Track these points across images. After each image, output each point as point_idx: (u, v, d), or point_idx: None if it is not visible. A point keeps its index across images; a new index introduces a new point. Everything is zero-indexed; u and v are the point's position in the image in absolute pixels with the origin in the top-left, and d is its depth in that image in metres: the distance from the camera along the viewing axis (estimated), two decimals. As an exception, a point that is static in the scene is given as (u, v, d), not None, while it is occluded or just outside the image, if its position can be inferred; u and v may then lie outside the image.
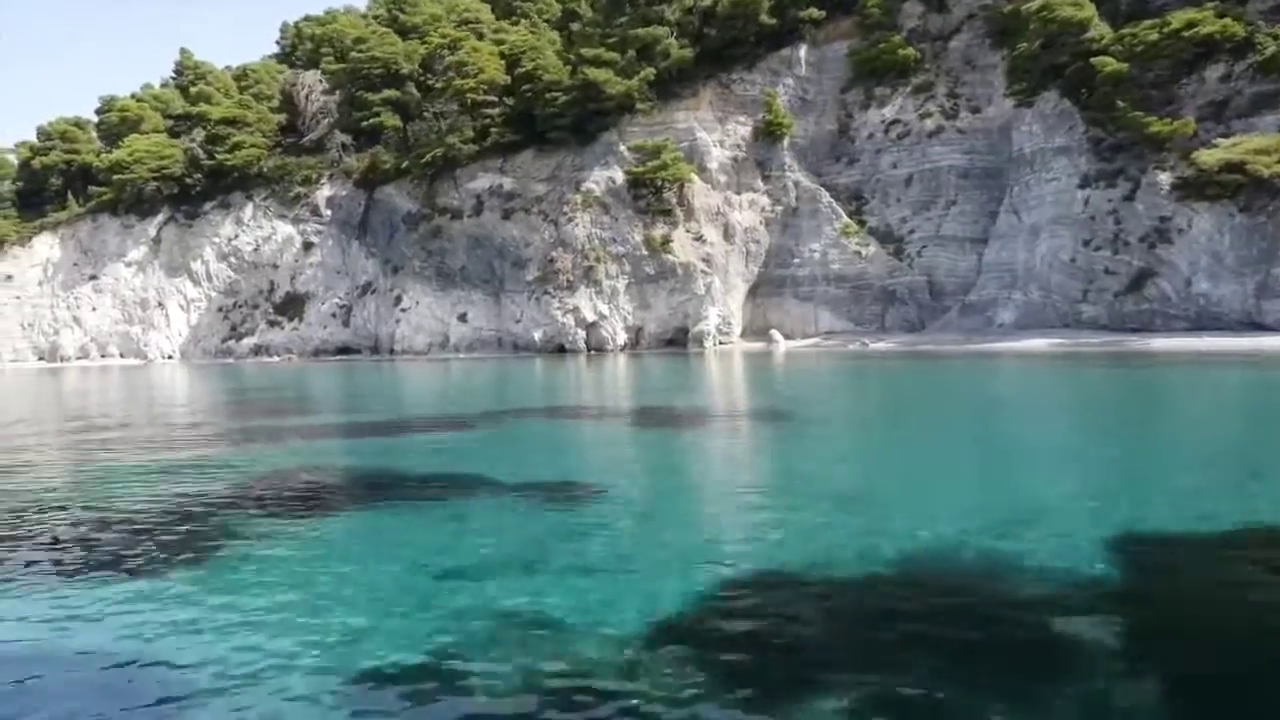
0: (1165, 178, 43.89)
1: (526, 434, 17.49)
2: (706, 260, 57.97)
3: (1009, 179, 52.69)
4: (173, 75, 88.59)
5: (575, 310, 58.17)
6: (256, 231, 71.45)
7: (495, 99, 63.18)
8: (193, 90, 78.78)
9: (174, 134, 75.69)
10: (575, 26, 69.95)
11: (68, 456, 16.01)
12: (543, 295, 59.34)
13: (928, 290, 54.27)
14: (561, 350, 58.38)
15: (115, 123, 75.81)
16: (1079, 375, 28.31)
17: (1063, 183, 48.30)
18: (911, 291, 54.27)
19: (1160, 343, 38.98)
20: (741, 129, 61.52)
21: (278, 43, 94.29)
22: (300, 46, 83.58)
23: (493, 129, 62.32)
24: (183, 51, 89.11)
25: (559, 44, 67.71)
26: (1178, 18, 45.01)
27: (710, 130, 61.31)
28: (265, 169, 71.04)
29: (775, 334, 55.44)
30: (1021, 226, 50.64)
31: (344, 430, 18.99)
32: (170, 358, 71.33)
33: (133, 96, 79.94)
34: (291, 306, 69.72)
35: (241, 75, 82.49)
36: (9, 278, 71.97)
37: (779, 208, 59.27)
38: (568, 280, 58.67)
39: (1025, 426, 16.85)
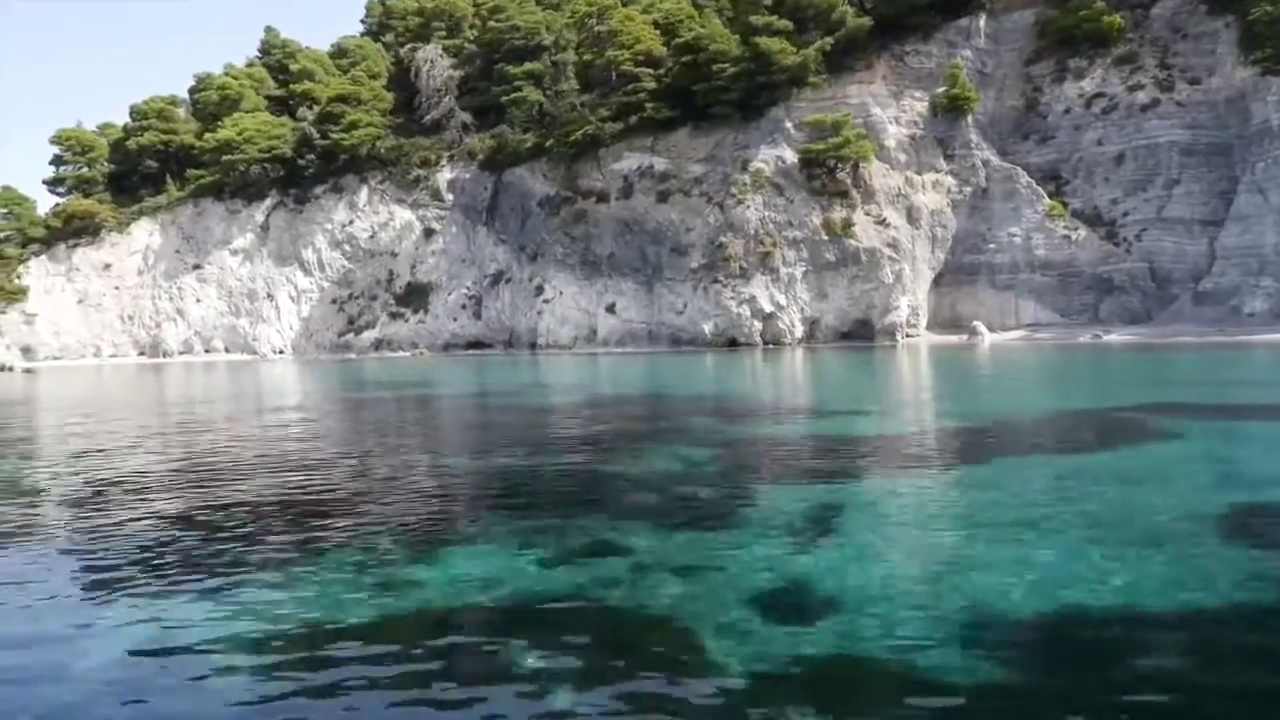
0: None
1: None
2: (892, 245, 53.18)
3: (1245, 155, 48.04)
4: (258, 54, 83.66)
5: (751, 300, 53.38)
6: (372, 217, 66.61)
7: (649, 72, 58.19)
8: (293, 67, 73.83)
9: (275, 113, 70.80)
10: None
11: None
12: (711, 284, 54.53)
13: (1150, 277, 49.54)
14: (733, 344, 53.60)
15: (214, 101, 70.79)
16: None
17: (1328, 157, 43.63)
18: (1133, 279, 49.51)
19: None
20: (918, 104, 56.76)
21: (363, 21, 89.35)
22: (400, 22, 78.46)
23: (648, 104, 57.31)
24: (268, 29, 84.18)
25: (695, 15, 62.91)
26: None
27: (884, 106, 56.53)
28: (382, 150, 66.18)
29: (979, 326, 50.65)
30: (1269, 206, 45.96)
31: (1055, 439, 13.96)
32: (281, 353, 66.47)
33: (227, 73, 74.92)
34: (415, 297, 64.87)
35: (339, 53, 77.55)
36: (107, 266, 67.05)
37: (967, 189, 54.50)
38: (740, 268, 53.88)
39: None
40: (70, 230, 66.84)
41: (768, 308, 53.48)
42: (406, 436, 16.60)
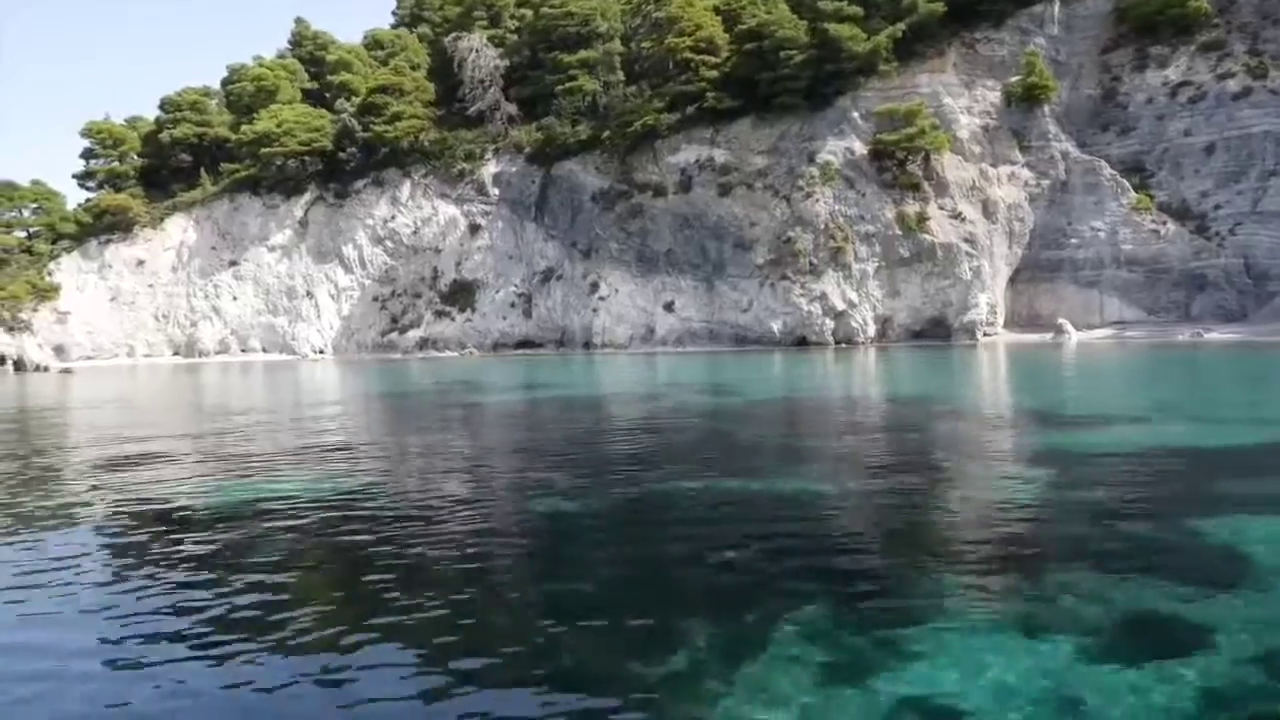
0: None
1: None
2: (969, 240, 50.99)
3: (1348, 145, 45.84)
4: (289, 46, 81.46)
5: (823, 298, 51.17)
6: (415, 212, 64.29)
7: (711, 60, 55.94)
8: (329, 59, 71.59)
9: (313, 105, 68.53)
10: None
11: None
12: (779, 281, 52.31)
13: (1245, 273, 47.31)
14: (803, 343, 51.36)
15: (249, 93, 68.49)
16: None
17: None
18: (1227, 275, 47.29)
19: None
20: (990, 94, 54.59)
21: (394, 13, 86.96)
22: (437, 13, 76.03)
23: (709, 94, 55.03)
24: (298, 21, 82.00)
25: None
26: None
27: (956, 95, 54.34)
28: (425, 143, 63.93)
29: (1066, 324, 48.39)
30: (1377, 199, 43.77)
31: None
32: (321, 353, 64.14)
33: (260, 64, 72.59)
34: (461, 296, 62.54)
35: (373, 44, 75.25)
36: (140, 263, 64.69)
37: (1045, 182, 52.31)
38: (810, 264, 51.67)
39: None
40: (102, 226, 64.53)
41: (840, 305, 51.27)
42: (644, 461, 14.30)
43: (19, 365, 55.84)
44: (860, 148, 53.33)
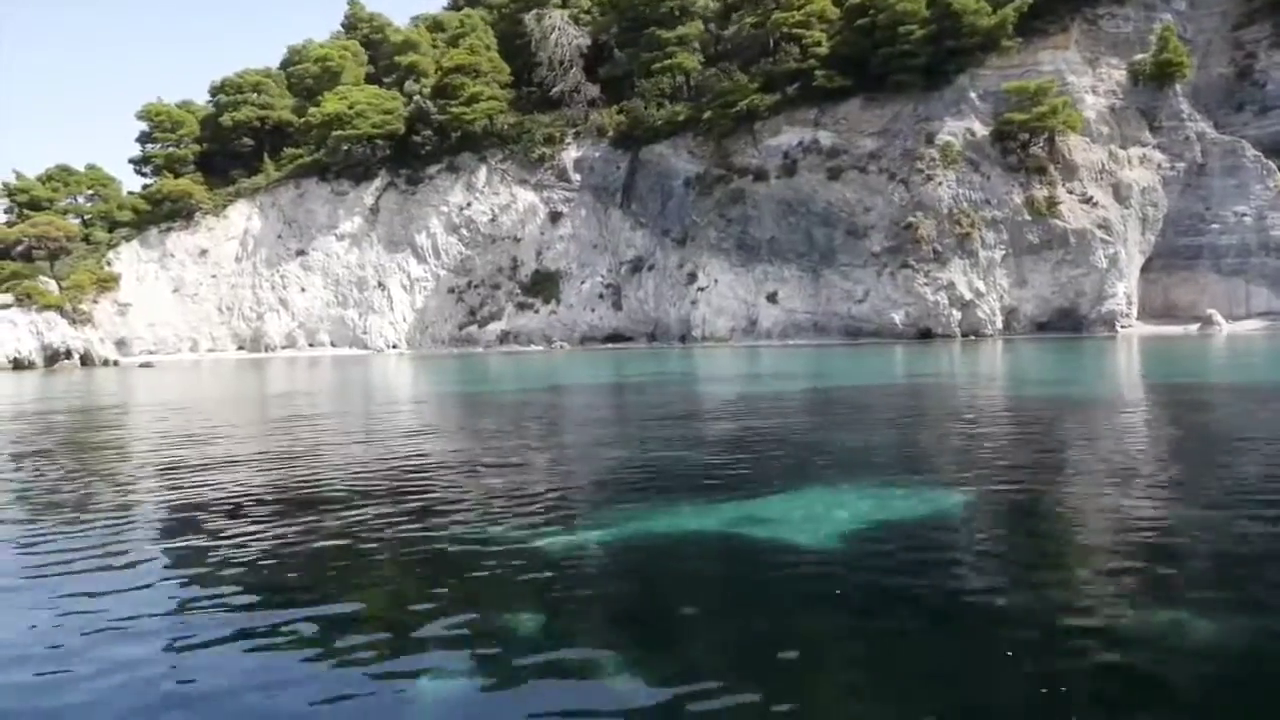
0: None
1: None
2: (1103, 226, 47.98)
3: None
4: (343, 28, 78.27)
5: (949, 287, 48.13)
6: (492, 199, 61.17)
7: (819, 36, 52.91)
8: (393, 39, 68.39)
9: (382, 86, 65.32)
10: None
11: None
12: (899, 270, 49.26)
13: (1407, 261, 44.43)
14: (926, 335, 48.29)
15: (314, 74, 65.29)
16: None
17: None
18: (1390, 263, 44.42)
19: None
20: (1115, 73, 51.66)
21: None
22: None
23: (818, 72, 51.95)
24: (352, 3, 78.83)
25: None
26: None
27: (1079, 74, 51.36)
28: (503, 126, 60.80)
29: (1215, 315, 45.44)
30: None
31: None
32: (394, 347, 60.95)
33: (322, 45, 69.32)
34: (544, 287, 59.39)
35: (435, 25, 72.01)
36: (203, 252, 61.45)
37: (1179, 165, 49.32)
38: (933, 251, 48.62)
39: None
40: (162, 213, 61.29)
41: (967, 295, 48.23)
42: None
43: (85, 359, 52.52)
44: (980, 128, 50.37)
